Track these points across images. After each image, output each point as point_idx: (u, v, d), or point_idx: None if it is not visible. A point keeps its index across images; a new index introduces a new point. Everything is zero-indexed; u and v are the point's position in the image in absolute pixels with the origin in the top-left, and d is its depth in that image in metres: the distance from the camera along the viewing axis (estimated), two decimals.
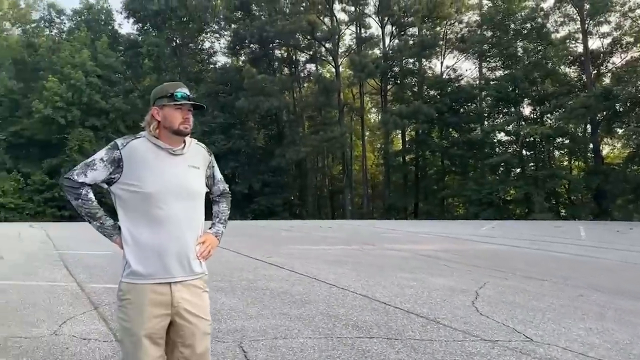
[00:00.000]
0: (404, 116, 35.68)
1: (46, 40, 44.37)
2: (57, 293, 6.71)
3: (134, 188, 2.28)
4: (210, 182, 2.59)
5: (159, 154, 2.33)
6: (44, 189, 37.71)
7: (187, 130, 2.35)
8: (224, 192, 2.68)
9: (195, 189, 2.40)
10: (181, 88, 2.38)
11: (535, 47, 36.37)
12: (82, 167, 2.34)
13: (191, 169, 2.40)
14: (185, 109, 2.36)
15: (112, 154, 2.30)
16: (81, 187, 2.33)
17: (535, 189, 32.52)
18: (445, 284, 7.51)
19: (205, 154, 2.53)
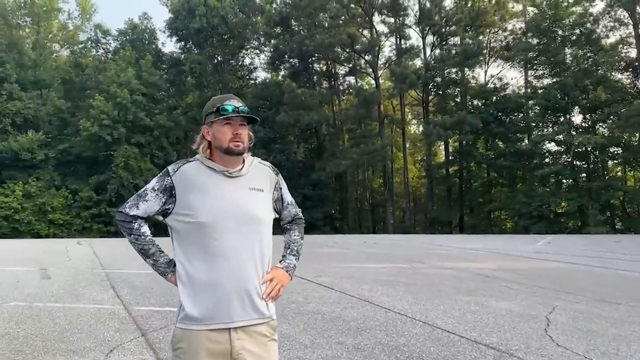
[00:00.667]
0: (448, 127, 34.85)
1: (93, 60, 45.73)
2: (103, 317, 6.49)
3: (187, 218, 2.01)
4: (279, 206, 2.25)
5: (214, 177, 2.06)
6: (91, 205, 38.56)
7: (238, 149, 2.05)
8: (296, 218, 2.32)
9: (259, 215, 2.07)
10: (229, 100, 2.09)
11: (584, 53, 34.95)
12: (135, 199, 2.12)
13: (253, 193, 2.09)
14: (235, 123, 2.06)
15: (164, 182, 2.06)
16: (133, 221, 2.10)
17: (589, 201, 31.01)
18: (510, 308, 6.92)
19: (271, 174, 2.20)
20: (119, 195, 38.64)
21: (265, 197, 2.13)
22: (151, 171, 40.60)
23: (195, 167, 2.07)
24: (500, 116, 37.71)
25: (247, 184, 2.08)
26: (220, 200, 2.01)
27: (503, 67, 40.96)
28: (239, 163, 2.09)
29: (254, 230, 2.04)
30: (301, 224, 2.35)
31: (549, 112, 34.87)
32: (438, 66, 38.26)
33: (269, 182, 2.16)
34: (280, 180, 2.24)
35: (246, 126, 2.10)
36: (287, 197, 2.28)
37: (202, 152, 2.09)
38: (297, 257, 2.27)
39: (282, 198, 2.24)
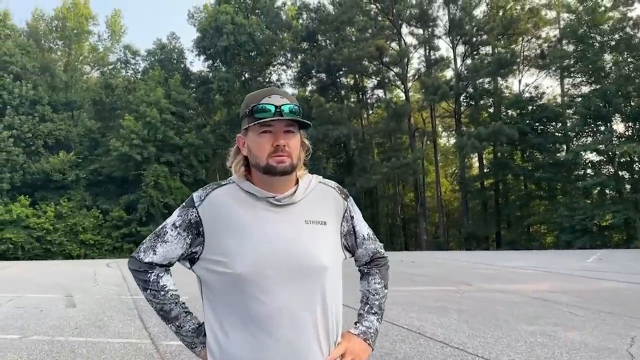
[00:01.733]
0: (483, 138, 33.76)
1: (122, 81, 46.28)
2: (129, 354, 5.91)
3: (219, 267, 1.45)
4: (351, 242, 1.63)
5: (255, 207, 1.49)
6: (121, 225, 38.61)
7: (282, 166, 1.45)
8: (376, 257, 1.71)
9: (321, 260, 1.47)
10: (269, 97, 1.48)
11: (625, 59, 33.56)
12: (151, 239, 1.56)
13: (312, 228, 1.49)
14: (278, 130, 1.47)
15: (187, 216, 1.50)
16: (149, 271, 1.54)
17: (636, 213, 29.43)
18: (583, 340, 6.12)
19: (337, 198, 1.60)
20: (149, 214, 38.64)
21: (330, 233, 1.53)
22: (180, 189, 40.59)
23: (229, 192, 1.51)
24: (537, 126, 36.44)
25: (302, 214, 1.50)
26: (264, 242, 1.44)
27: (538, 76, 39.73)
28: (290, 185, 1.52)
29: (314, 282, 1.46)
30: (384, 264, 1.73)
31: (589, 121, 33.51)
32: (470, 76, 37.30)
33: (335, 210, 1.57)
34: (350, 206, 1.62)
35: (296, 132, 1.50)
36: (363, 228, 1.65)
37: (237, 171, 1.53)
38: (379, 316, 1.66)
39: (355, 231, 1.62)
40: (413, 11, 39.87)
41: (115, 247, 38.29)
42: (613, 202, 31.59)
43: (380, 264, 1.70)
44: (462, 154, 37.35)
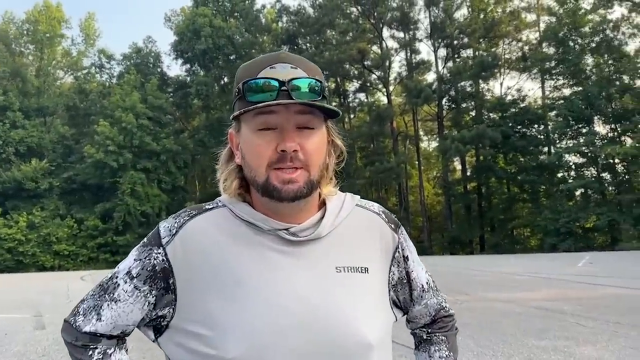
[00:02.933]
0: (466, 141, 33.57)
1: (97, 86, 45.20)
2: None
3: (198, 344, 0.88)
4: (403, 295, 1.03)
5: (257, 246, 0.92)
6: (97, 234, 37.46)
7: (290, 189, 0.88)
8: (440, 317, 1.10)
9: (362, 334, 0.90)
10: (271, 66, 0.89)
11: (605, 61, 33.76)
12: (96, 295, 0.98)
13: (346, 279, 0.93)
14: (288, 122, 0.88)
15: (150, 259, 0.93)
16: (90, 345, 0.96)
17: (620, 215, 29.46)
18: (599, 356, 5.65)
19: (384, 229, 1.01)
20: (125, 223, 37.55)
21: (375, 285, 0.96)
22: (158, 197, 39.55)
23: (216, 222, 0.95)
24: (519, 129, 36.46)
25: (332, 258, 0.93)
26: (272, 306, 0.88)
27: (519, 79, 39.85)
28: (312, 210, 0.95)
29: None
30: (451, 327, 1.13)
31: (571, 123, 33.59)
32: (452, 79, 37.16)
33: (381, 249, 0.99)
34: (403, 241, 1.03)
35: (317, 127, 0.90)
36: (421, 275, 1.06)
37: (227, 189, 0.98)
38: None
39: (410, 280, 1.03)
40: (394, 14, 39.67)
41: (90, 258, 37.10)
42: (597, 204, 31.67)
43: (446, 327, 1.12)
44: (446, 158, 37.12)
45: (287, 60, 0.90)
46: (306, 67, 0.92)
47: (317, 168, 0.91)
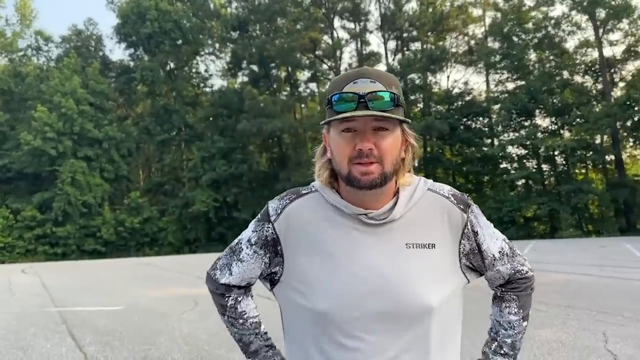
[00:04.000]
0: (416, 133, 34.07)
1: (34, 69, 42.73)
2: None
3: (297, 297, 1.21)
4: (477, 262, 1.24)
5: (343, 226, 1.19)
6: (35, 225, 35.60)
7: (366, 179, 1.12)
8: (515, 279, 1.31)
9: (425, 298, 1.14)
10: (354, 81, 1.13)
11: (547, 56, 35.20)
12: (227, 255, 1.34)
13: (415, 253, 1.17)
14: (366, 126, 1.12)
15: (263, 232, 1.25)
16: (226, 294, 1.34)
17: (559, 205, 30.89)
18: (558, 338, 5.93)
19: (453, 210, 1.22)
20: (65, 213, 35.93)
21: (441, 258, 1.18)
22: (101, 186, 38.08)
23: (311, 204, 1.24)
24: (465, 121, 37.48)
25: (404, 236, 1.18)
26: (353, 274, 1.15)
27: (466, 72, 40.90)
28: (388, 197, 1.19)
29: (416, 327, 1.14)
30: (525, 288, 1.32)
31: (514, 116, 34.86)
32: (402, 72, 37.63)
33: (450, 226, 1.20)
34: (473, 218, 1.23)
35: (392, 129, 1.13)
36: (492, 246, 1.25)
37: (319, 177, 1.24)
38: (511, 358, 1.30)
39: (481, 250, 1.23)
40: (345, 4, 39.64)
41: (28, 250, 35.21)
42: (538, 194, 33.02)
43: (519, 288, 1.31)
44: None
45: (367, 75, 1.13)
46: (384, 81, 1.13)
47: (390, 162, 1.12)
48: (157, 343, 6.28)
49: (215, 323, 7.43)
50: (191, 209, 37.32)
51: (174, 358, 5.55)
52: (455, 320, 1.23)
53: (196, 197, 37.38)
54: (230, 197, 38.17)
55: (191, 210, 37.36)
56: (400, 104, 1.14)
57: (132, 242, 37.68)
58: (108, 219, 37.16)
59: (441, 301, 1.15)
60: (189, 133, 42.68)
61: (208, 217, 37.67)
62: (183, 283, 13.24)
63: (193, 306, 9.06)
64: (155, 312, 8.56)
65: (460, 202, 1.22)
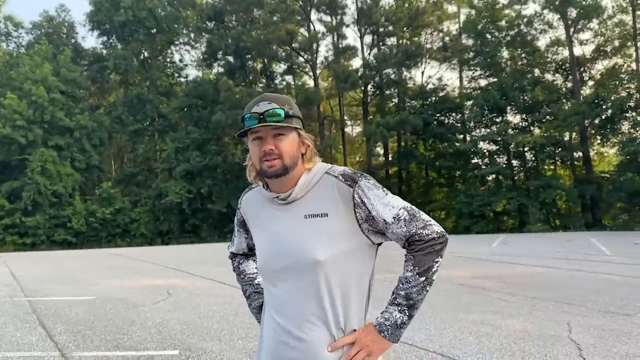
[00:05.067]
0: (390, 127, 34.42)
1: (3, 55, 41.62)
2: None
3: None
4: (376, 226, 1.58)
5: (267, 207, 1.68)
6: (3, 215, 34.82)
7: (272, 170, 1.56)
8: (412, 241, 1.57)
9: (312, 253, 1.54)
10: (257, 104, 1.59)
11: (519, 54, 35.81)
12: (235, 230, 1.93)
13: (310, 222, 1.57)
14: (267, 135, 1.57)
15: (238, 216, 1.84)
16: (233, 259, 1.99)
17: (528, 200, 31.57)
18: (524, 328, 6.16)
19: (341, 187, 1.57)
20: (35, 203, 35.24)
21: (330, 224, 1.55)
22: (72, 176, 37.46)
23: (256, 194, 1.75)
24: (438, 117, 37.87)
25: (303, 210, 1.59)
26: (270, 240, 1.64)
27: (440, 68, 41.31)
28: (293, 182, 1.61)
29: (311, 276, 1.54)
30: (420, 249, 1.55)
31: (486, 113, 35.37)
32: (378, 66, 37.78)
33: (339, 199, 1.57)
34: (360, 191, 1.56)
35: (287, 134, 1.58)
36: (382, 212, 1.56)
37: (249, 177, 1.73)
38: (403, 307, 1.55)
39: (372, 216, 1.56)
40: None
41: None
42: (507, 189, 33.60)
43: (415, 248, 1.55)
44: (370, 142, 37.90)
45: (266, 99, 1.57)
46: (279, 101, 1.57)
47: (289, 157, 1.56)
48: (130, 332, 6.35)
49: (188, 313, 7.53)
50: (164, 200, 36.98)
51: (147, 347, 5.63)
52: (352, 274, 1.56)
53: (169, 188, 37.04)
54: (204, 189, 37.94)
55: (164, 202, 37.02)
56: (293, 116, 1.58)
57: (103, 233, 37.18)
58: (79, 209, 36.57)
59: (330, 257, 1.52)
60: (163, 123, 42.22)
61: (181, 209, 37.40)
62: (156, 274, 13.24)
63: (166, 296, 9.13)
64: (127, 302, 8.59)
65: (347, 179, 1.57)
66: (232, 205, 37.41)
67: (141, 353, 5.39)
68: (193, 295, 9.22)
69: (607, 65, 34.93)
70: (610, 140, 33.66)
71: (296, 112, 1.61)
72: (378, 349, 1.54)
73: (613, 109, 30.69)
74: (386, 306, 1.58)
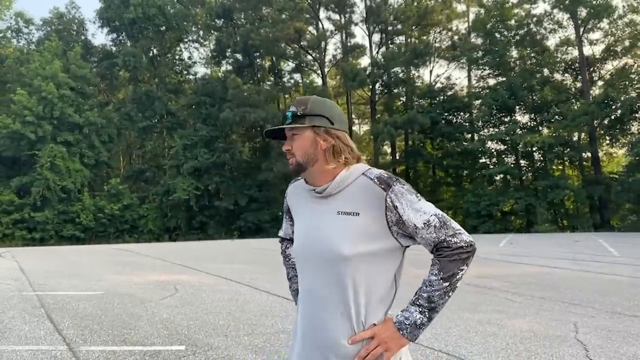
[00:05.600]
0: (398, 126, 34.37)
1: (14, 52, 41.92)
2: None
3: None
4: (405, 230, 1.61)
5: (307, 198, 1.76)
6: (12, 210, 35.10)
7: (290, 167, 1.73)
8: (440, 247, 1.61)
9: (338, 249, 1.61)
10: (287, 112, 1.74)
11: (528, 54, 35.61)
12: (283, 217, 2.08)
13: (342, 218, 1.63)
14: (288, 134, 1.73)
15: (285, 204, 1.94)
16: (281, 243, 2.09)
17: (536, 200, 31.43)
18: (530, 328, 6.09)
19: (375, 189, 1.62)
20: (44, 198, 35.51)
21: (361, 223, 1.61)
22: (80, 172, 37.70)
23: (299, 185, 1.84)
24: (446, 116, 37.76)
25: (337, 206, 1.65)
26: (305, 229, 1.72)
27: (448, 67, 41.19)
28: (326, 178, 1.69)
29: (335, 268, 1.61)
30: (447, 255, 1.59)
31: (494, 112, 35.24)
32: (386, 65, 37.70)
33: (372, 201, 1.62)
34: (393, 195, 1.60)
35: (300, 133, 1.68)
36: (412, 218, 1.59)
37: None
38: (423, 308, 1.59)
39: (403, 220, 1.60)
40: None
41: (5, 235, 34.71)
42: (515, 189, 33.47)
43: (442, 254, 1.58)
44: (378, 141, 37.85)
45: (292, 102, 1.70)
46: (297, 103, 1.69)
47: (301, 155, 1.66)
48: (137, 327, 6.38)
49: (194, 309, 7.57)
50: (172, 196, 37.15)
51: (154, 342, 5.65)
52: (378, 273, 1.61)
53: (177, 185, 37.20)
54: (211, 186, 38.06)
55: (172, 198, 37.19)
56: (309, 114, 1.66)
57: (111, 229, 37.41)
58: (87, 204, 36.81)
59: (356, 254, 1.58)
60: (171, 120, 42.38)
61: (189, 206, 37.55)
62: (163, 270, 13.30)
63: (173, 292, 9.17)
64: (135, 297, 8.64)
65: (382, 183, 1.60)
66: (239, 203, 37.52)
67: (148, 348, 5.42)
68: (200, 291, 9.26)
69: (617, 65, 34.71)
70: (619, 140, 33.44)
71: (315, 111, 1.66)
72: (396, 345, 1.58)
73: (623, 110, 30.48)
74: (407, 305, 1.62)
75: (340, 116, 1.71)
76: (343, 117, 1.73)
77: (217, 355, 5.13)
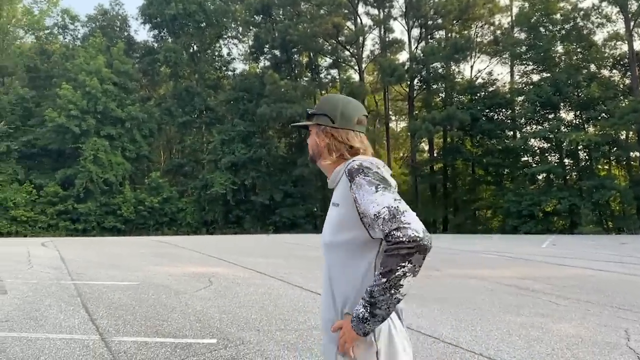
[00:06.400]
0: (437, 122, 33.74)
1: (60, 47, 43.24)
2: (74, 354, 4.92)
3: None
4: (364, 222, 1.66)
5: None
6: (57, 201, 36.26)
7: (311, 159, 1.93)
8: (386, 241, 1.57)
9: (324, 237, 1.80)
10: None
11: (574, 49, 34.37)
12: None
13: (331, 209, 1.79)
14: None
15: None
16: None
17: (580, 200, 30.34)
18: (577, 333, 5.78)
19: (346, 183, 1.70)
20: (87, 190, 36.52)
21: (340, 213, 1.71)
22: (122, 165, 38.62)
23: None
24: (487, 112, 36.85)
25: (333, 198, 1.81)
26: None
27: (490, 62, 40.21)
28: (330, 172, 1.83)
29: (325, 257, 1.81)
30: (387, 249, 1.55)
31: (538, 109, 34.17)
32: (425, 60, 37.08)
33: (346, 193, 1.69)
34: (355, 187, 1.65)
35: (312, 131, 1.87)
36: (367, 208, 1.60)
37: None
38: (367, 304, 1.56)
39: (359, 212, 1.65)
40: None
41: (50, 225, 35.91)
42: (558, 188, 32.42)
43: (385, 249, 1.57)
44: (415, 138, 37.31)
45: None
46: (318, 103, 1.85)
47: (311, 150, 1.87)
48: (170, 319, 6.36)
49: (227, 302, 7.52)
50: (210, 190, 37.63)
51: (185, 334, 5.62)
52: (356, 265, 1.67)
53: (215, 180, 37.66)
54: (248, 181, 38.37)
55: (209, 192, 37.68)
56: (317, 113, 1.81)
57: (151, 221, 38.18)
58: (128, 197, 37.68)
59: (331, 240, 1.74)
60: (210, 116, 42.88)
61: (226, 200, 37.98)
62: (199, 262, 13.40)
63: (207, 285, 9.17)
64: (169, 289, 8.67)
65: (349, 175, 1.67)
66: (275, 198, 37.68)
67: (179, 340, 5.37)
68: (233, 284, 9.23)
69: None
70: None
71: (320, 110, 1.80)
72: (349, 338, 1.61)
73: None
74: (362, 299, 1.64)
75: (347, 114, 1.76)
76: (352, 114, 1.78)
77: (249, 350, 5.02)
